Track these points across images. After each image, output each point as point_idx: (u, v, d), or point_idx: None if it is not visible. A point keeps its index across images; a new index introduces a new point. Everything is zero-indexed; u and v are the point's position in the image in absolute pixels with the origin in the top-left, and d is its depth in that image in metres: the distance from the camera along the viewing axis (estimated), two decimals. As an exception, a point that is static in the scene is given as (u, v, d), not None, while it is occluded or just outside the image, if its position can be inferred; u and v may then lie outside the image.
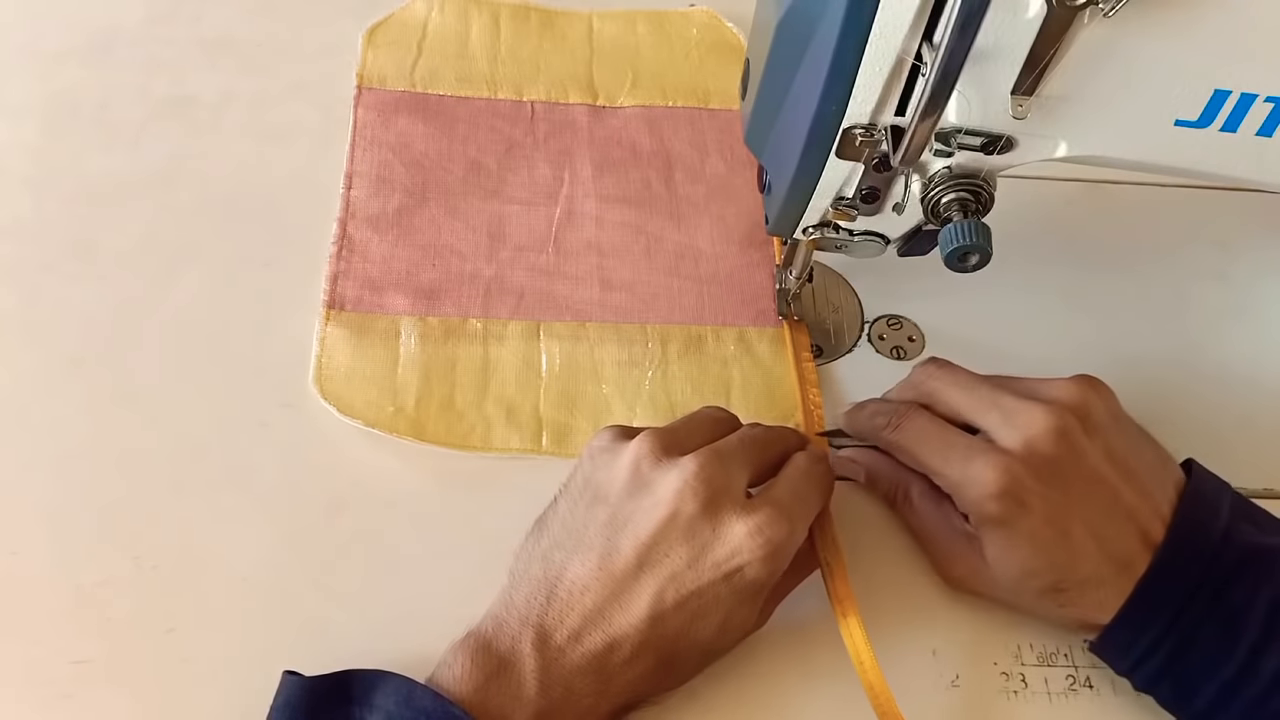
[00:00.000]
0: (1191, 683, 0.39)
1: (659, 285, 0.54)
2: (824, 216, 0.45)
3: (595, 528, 0.38)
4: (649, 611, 0.37)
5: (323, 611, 0.42)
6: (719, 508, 0.38)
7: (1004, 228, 0.41)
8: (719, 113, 0.62)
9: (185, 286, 0.51)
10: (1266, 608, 0.39)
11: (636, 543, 0.37)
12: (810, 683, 0.42)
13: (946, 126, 0.39)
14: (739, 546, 0.37)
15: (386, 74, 0.61)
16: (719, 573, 0.38)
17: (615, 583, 0.37)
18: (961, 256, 0.40)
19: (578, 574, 0.38)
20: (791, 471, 0.41)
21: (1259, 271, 0.58)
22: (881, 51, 0.37)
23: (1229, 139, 0.39)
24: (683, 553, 0.37)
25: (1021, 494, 0.39)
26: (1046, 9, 0.34)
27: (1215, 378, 0.52)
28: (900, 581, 0.45)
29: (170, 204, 0.55)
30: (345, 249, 0.53)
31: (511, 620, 0.37)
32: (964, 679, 0.43)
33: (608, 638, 0.37)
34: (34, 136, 0.57)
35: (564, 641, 0.37)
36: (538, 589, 0.38)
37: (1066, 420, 0.40)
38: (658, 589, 0.37)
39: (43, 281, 0.51)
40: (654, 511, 0.38)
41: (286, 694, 0.36)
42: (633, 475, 0.39)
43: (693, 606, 0.38)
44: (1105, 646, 0.41)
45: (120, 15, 0.63)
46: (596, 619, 0.37)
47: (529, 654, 0.36)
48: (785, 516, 0.38)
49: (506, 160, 0.58)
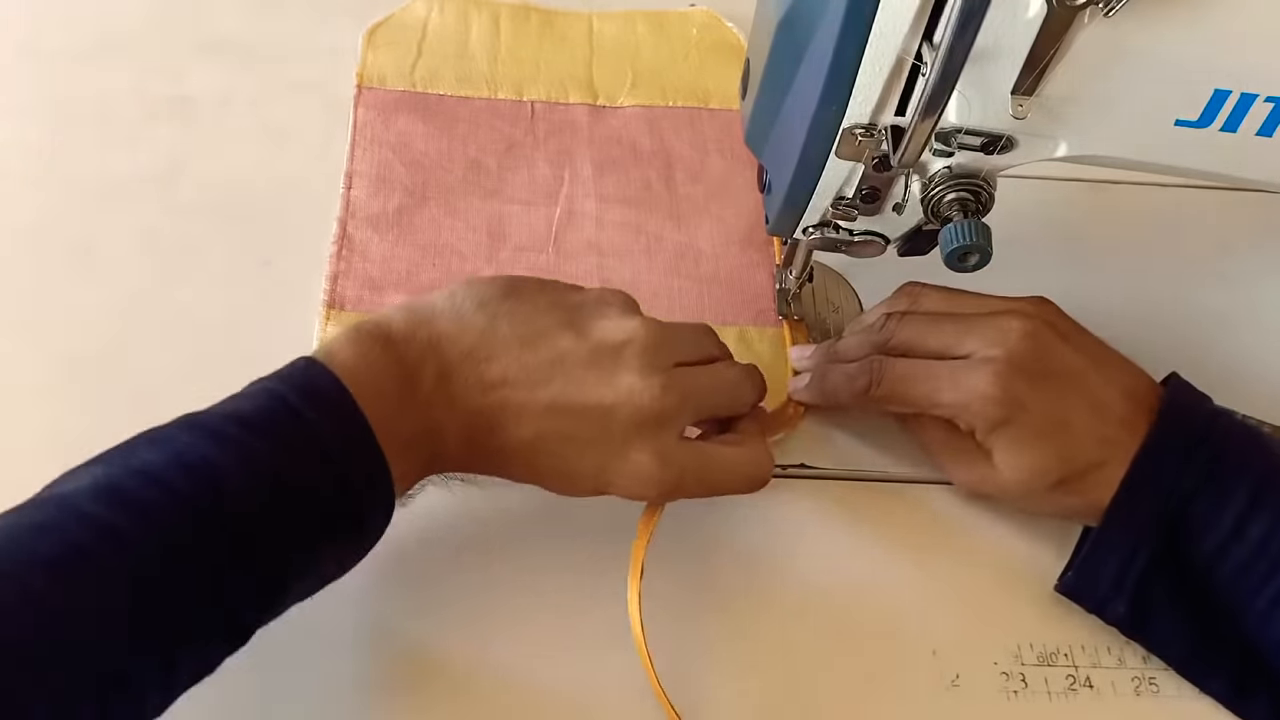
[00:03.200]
0: (1187, 544, 0.41)
1: (659, 285, 0.54)
2: (824, 216, 0.45)
3: (550, 346, 0.39)
4: (527, 440, 0.38)
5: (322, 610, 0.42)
6: (644, 434, 0.39)
7: (1004, 228, 0.41)
8: (719, 112, 0.62)
9: (185, 286, 0.51)
10: (1254, 479, 0.41)
11: (565, 391, 0.39)
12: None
13: (946, 126, 0.39)
14: (626, 470, 0.39)
15: (386, 74, 0.61)
16: (599, 471, 0.39)
17: (525, 393, 0.38)
18: (961, 256, 0.40)
19: (506, 360, 0.38)
20: (730, 458, 0.42)
21: (1259, 271, 0.58)
22: (881, 51, 0.37)
23: (1229, 139, 0.39)
24: (590, 430, 0.39)
25: (1017, 395, 0.42)
26: (1046, 9, 0.34)
27: (1215, 378, 0.52)
28: (900, 581, 0.45)
29: (170, 204, 0.55)
30: (345, 249, 0.53)
31: (425, 336, 0.38)
32: (964, 679, 0.43)
33: (490, 426, 0.38)
34: (34, 136, 0.57)
35: (458, 393, 0.38)
36: (464, 333, 0.38)
37: (1037, 325, 0.43)
38: (545, 432, 0.38)
39: (43, 281, 0.51)
40: (599, 388, 0.39)
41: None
42: (615, 346, 0.40)
43: (558, 466, 0.39)
44: (1109, 524, 0.42)
45: (120, 15, 0.63)
46: (492, 403, 0.38)
47: (429, 378, 0.38)
48: (680, 483, 0.40)
49: (506, 160, 0.58)
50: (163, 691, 0.33)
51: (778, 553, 0.45)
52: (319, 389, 0.35)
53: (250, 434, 0.34)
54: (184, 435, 0.34)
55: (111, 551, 0.31)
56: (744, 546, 0.45)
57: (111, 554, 0.31)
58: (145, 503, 0.32)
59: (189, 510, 0.32)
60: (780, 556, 0.45)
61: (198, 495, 0.32)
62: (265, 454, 0.34)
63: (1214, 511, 0.41)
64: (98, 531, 0.31)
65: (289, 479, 0.34)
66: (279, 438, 0.34)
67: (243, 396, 0.36)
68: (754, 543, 0.46)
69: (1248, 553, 0.40)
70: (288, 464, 0.34)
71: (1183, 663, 0.43)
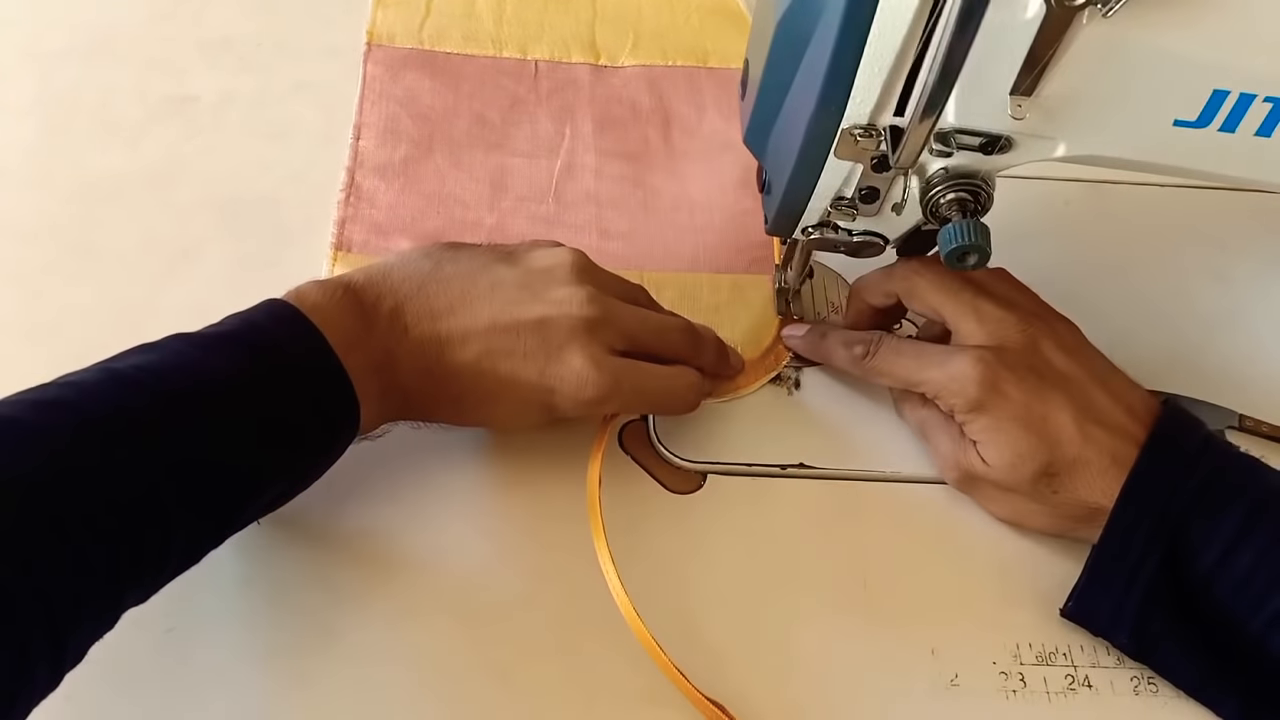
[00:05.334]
0: (1183, 567, 0.41)
1: (655, 235, 0.56)
2: (823, 216, 0.45)
3: (488, 275, 0.44)
4: (472, 360, 0.42)
5: (325, 612, 0.42)
6: (578, 338, 0.42)
7: (1003, 228, 0.41)
8: (717, 71, 0.64)
9: (186, 286, 0.52)
10: (1249, 500, 0.41)
11: (504, 310, 0.43)
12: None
13: (945, 127, 0.39)
14: (565, 375, 0.42)
15: (396, 32, 0.63)
16: (540, 378, 0.42)
17: (467, 317, 0.42)
18: (960, 256, 0.40)
19: (451, 292, 0.43)
20: (663, 370, 0.45)
21: (1259, 271, 0.58)
22: (881, 51, 0.37)
23: (1228, 139, 0.39)
24: (527, 344, 0.42)
25: (999, 382, 0.43)
26: (1045, 9, 0.34)
27: (1214, 377, 0.52)
28: (900, 581, 0.45)
29: (170, 204, 0.55)
30: (354, 195, 0.55)
31: (382, 285, 0.42)
32: (963, 678, 0.43)
33: (439, 350, 0.42)
34: (34, 136, 0.57)
35: (410, 325, 0.42)
36: (414, 275, 0.43)
37: (1039, 328, 0.44)
38: (490, 349, 0.42)
39: (43, 281, 0.51)
40: (533, 304, 0.43)
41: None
42: (546, 268, 0.44)
43: (503, 384, 0.42)
44: (1103, 554, 0.42)
45: (120, 15, 0.63)
46: (439, 330, 0.42)
47: (383, 316, 0.42)
48: (617, 386, 0.43)
49: (510, 115, 0.60)
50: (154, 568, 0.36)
51: (777, 551, 0.45)
52: (282, 315, 0.40)
53: (227, 344, 0.38)
54: (172, 343, 0.38)
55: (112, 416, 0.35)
56: (743, 545, 0.45)
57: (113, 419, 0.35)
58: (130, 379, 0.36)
59: (172, 395, 0.36)
60: (779, 555, 0.45)
61: (179, 382, 0.37)
62: (240, 359, 0.38)
63: (1209, 532, 0.41)
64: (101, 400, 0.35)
65: (265, 386, 0.38)
66: (252, 346, 0.39)
67: (217, 324, 0.40)
68: (753, 542, 0.46)
69: (1243, 573, 0.40)
70: (262, 371, 0.38)
71: (1193, 690, 0.42)
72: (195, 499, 0.36)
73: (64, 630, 0.32)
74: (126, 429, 0.34)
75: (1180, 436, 0.43)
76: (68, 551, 0.32)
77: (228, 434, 0.37)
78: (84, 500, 0.33)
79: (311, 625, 0.42)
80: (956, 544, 0.46)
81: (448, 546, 0.44)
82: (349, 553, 0.44)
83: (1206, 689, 0.42)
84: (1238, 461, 0.43)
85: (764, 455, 0.48)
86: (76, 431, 0.33)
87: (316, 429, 0.40)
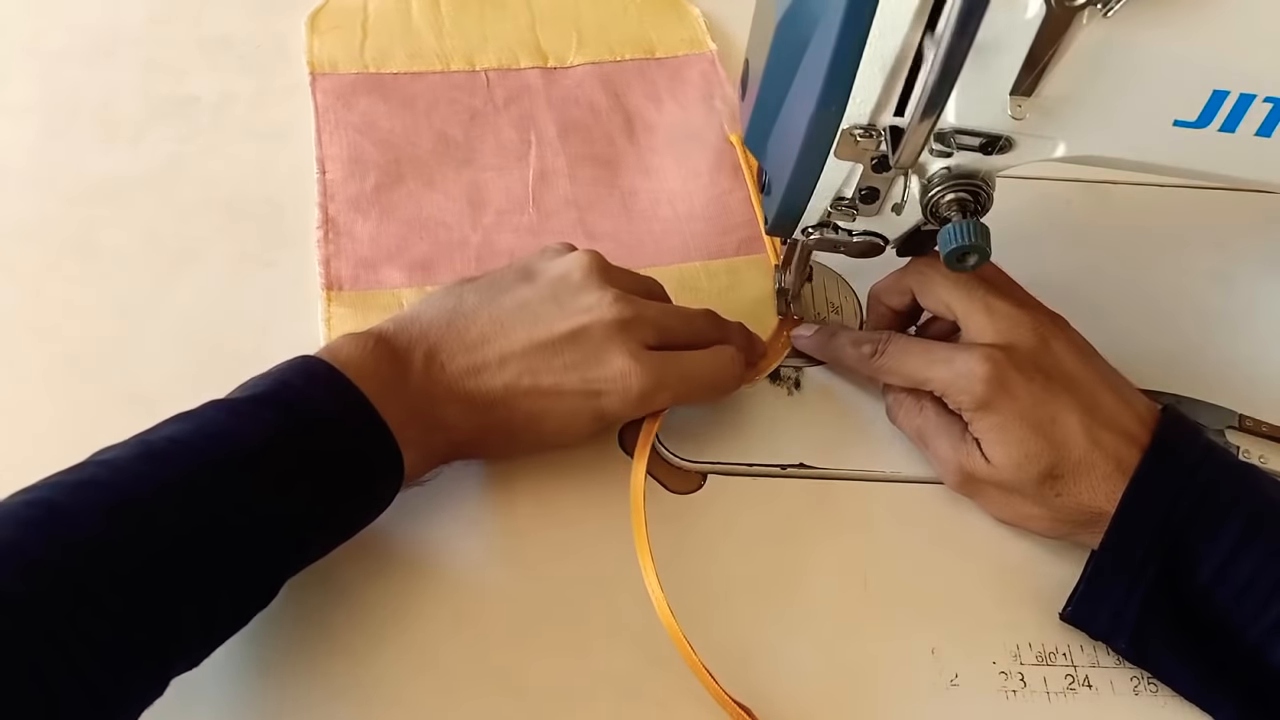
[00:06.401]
0: (1182, 576, 0.41)
1: (641, 232, 0.56)
2: (823, 216, 0.45)
3: (512, 297, 0.44)
4: (513, 380, 0.42)
5: (325, 611, 0.42)
6: (615, 340, 0.43)
7: (1003, 228, 0.41)
8: (666, 61, 0.65)
9: (186, 286, 0.52)
10: (1248, 509, 0.41)
11: (536, 328, 0.43)
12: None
13: (945, 127, 0.39)
14: (610, 376, 0.42)
15: (337, 58, 0.62)
16: (586, 385, 0.43)
17: (503, 342, 0.42)
18: (960, 256, 0.40)
19: (480, 322, 0.43)
20: (702, 354, 0.45)
21: (1259, 271, 0.58)
22: (881, 52, 0.37)
23: (1227, 139, 0.39)
24: (567, 357, 0.42)
25: (1007, 381, 0.42)
26: (1045, 9, 0.34)
27: (1214, 377, 0.52)
28: (900, 581, 0.45)
29: (170, 204, 0.55)
30: (331, 232, 0.54)
31: (413, 330, 0.42)
32: (963, 678, 0.43)
33: (479, 380, 0.42)
34: (34, 136, 0.57)
35: (445, 362, 0.42)
36: (441, 313, 0.43)
37: (1050, 330, 0.44)
38: (532, 368, 0.42)
39: (43, 281, 0.51)
40: (564, 316, 0.43)
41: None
42: (564, 275, 0.44)
43: (549, 397, 0.43)
44: (1103, 559, 0.42)
45: (120, 15, 0.63)
46: (475, 360, 0.42)
47: (418, 359, 0.42)
48: (663, 378, 0.43)
49: (472, 129, 0.59)
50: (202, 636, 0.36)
51: (777, 551, 0.45)
52: (315, 371, 0.39)
53: (261, 407, 0.38)
54: (207, 410, 0.38)
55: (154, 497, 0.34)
56: (743, 545, 0.45)
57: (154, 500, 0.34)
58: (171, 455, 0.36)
59: (209, 464, 0.36)
60: (779, 555, 0.45)
61: (215, 451, 0.36)
62: (277, 421, 0.37)
63: (1209, 541, 0.41)
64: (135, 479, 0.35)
65: (303, 445, 0.38)
66: (288, 406, 0.38)
67: (250, 383, 0.39)
68: (753, 542, 0.46)
69: (1242, 583, 0.40)
70: (299, 431, 0.38)
71: (1190, 696, 0.42)
72: (237, 565, 0.36)
73: (114, 712, 0.32)
74: (159, 503, 0.34)
75: (1181, 444, 0.43)
76: (105, 641, 0.32)
77: (266, 497, 0.36)
78: (120, 584, 0.32)
79: (314, 625, 0.42)
80: (956, 544, 0.46)
81: (447, 546, 0.44)
82: (349, 552, 0.44)
83: (1204, 696, 0.42)
84: (1237, 470, 0.43)
85: (764, 455, 0.48)
86: (110, 513, 0.33)
87: (358, 482, 0.39)
